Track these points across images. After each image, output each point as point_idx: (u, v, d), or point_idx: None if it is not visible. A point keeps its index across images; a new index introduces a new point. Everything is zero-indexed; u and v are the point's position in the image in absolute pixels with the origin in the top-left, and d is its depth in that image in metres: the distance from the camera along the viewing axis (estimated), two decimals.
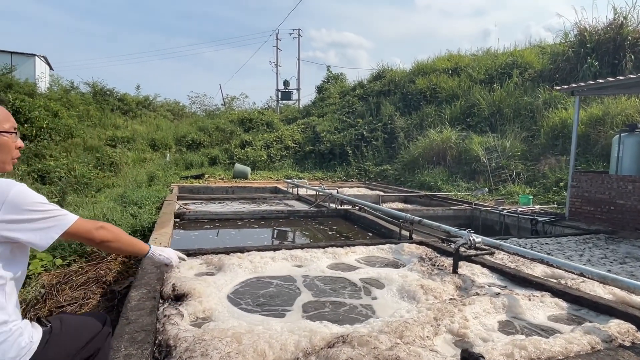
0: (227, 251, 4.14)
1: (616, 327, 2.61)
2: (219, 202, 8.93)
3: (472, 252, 4.40)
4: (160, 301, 2.87)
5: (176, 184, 11.84)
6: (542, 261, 3.19)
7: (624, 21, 14.37)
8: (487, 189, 11.29)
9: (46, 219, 1.33)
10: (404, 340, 2.32)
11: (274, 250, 4.32)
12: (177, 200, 8.42)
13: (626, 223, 6.39)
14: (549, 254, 4.93)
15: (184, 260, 2.32)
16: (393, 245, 4.81)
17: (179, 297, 2.93)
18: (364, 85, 22.67)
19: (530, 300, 3.15)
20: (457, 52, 20.99)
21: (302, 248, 4.44)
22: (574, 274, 3.15)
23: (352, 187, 13.72)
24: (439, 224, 4.58)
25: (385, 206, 10.03)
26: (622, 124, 10.89)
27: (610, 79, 6.60)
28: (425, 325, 2.53)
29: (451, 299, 3.12)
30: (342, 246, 4.63)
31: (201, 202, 8.85)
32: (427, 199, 10.69)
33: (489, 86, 16.21)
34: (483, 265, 4.07)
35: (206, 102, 31.61)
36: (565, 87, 7.28)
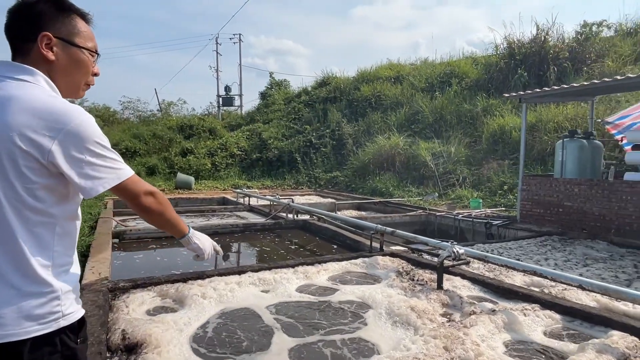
0: (185, 278, 3.54)
1: (622, 341, 2.49)
2: None
3: (449, 262, 4.24)
4: (108, 355, 2.25)
5: (110, 197, 10.62)
6: (534, 273, 3.05)
7: (546, 36, 15.68)
8: (437, 194, 11.52)
9: (105, 167, 1.13)
10: None
11: (239, 273, 3.79)
12: (114, 216, 7.44)
13: (573, 224, 6.71)
14: (518, 259, 4.92)
15: (219, 254, 1.78)
16: (366, 259, 4.50)
17: (130, 348, 2.33)
18: (308, 92, 22.50)
19: (525, 315, 2.98)
20: (397, 61, 21.66)
21: (269, 269, 3.96)
22: (558, 281, 3.04)
23: (303, 194, 13.34)
24: (415, 235, 4.36)
25: (339, 214, 9.79)
26: (554, 130, 11.75)
27: (556, 87, 6.95)
28: (438, 359, 2.21)
29: (449, 320, 2.85)
30: (312, 264, 4.22)
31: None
32: (382, 206, 10.63)
33: (431, 94, 16.80)
34: (463, 276, 3.89)
35: (140, 108, 29.48)
36: (514, 94, 7.56)
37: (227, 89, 30.84)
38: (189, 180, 14.01)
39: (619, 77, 6.08)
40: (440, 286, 3.53)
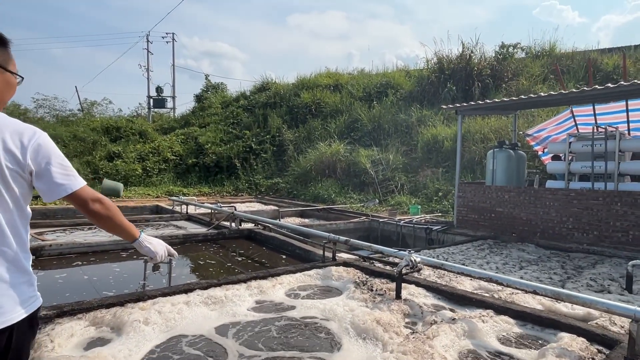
0: (123, 301, 3.12)
1: (574, 344, 2.63)
2: (88, 228, 7.23)
3: (405, 270, 4.27)
4: None
5: None
6: (490, 279, 3.14)
7: (471, 54, 16.98)
8: (377, 200, 11.81)
9: (63, 175, 1.38)
10: None
11: (186, 292, 3.44)
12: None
13: (505, 228, 7.22)
14: (463, 263, 5.12)
15: (173, 257, 2.07)
16: (320, 270, 4.37)
17: None
18: (247, 97, 22.04)
19: (483, 322, 3.05)
20: (335, 70, 22.08)
21: (219, 285, 3.66)
22: (507, 286, 3.17)
23: (243, 202, 12.92)
24: (370, 244, 4.32)
25: (283, 221, 9.59)
26: (480, 141, 12.69)
27: (488, 101, 7.46)
28: None
29: (413, 332, 2.81)
30: (265, 277, 3.98)
31: (63, 230, 7.02)
32: (325, 212, 10.63)
33: (369, 103, 17.32)
34: (418, 284, 3.92)
35: (58, 107, 26.61)
36: (451, 106, 8.00)
37: (159, 89, 29.13)
38: (117, 187, 12.85)
39: (542, 94, 6.69)
40: (399, 296, 3.51)
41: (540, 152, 9.92)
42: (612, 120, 8.06)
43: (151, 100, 28.98)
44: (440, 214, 9.79)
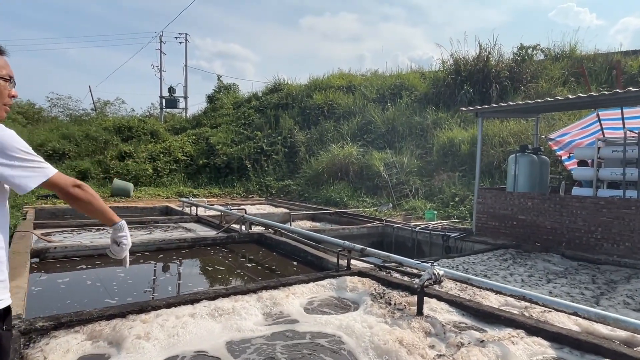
0: (125, 312, 2.91)
1: None
2: (96, 229, 7.09)
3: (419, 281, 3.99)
4: None
5: (31, 206, 9.28)
6: (523, 298, 2.84)
7: (489, 56, 16.55)
8: (391, 204, 11.49)
9: (32, 167, 1.42)
10: None
11: (192, 302, 3.22)
12: (35, 229, 6.38)
13: (527, 237, 6.86)
14: (485, 275, 4.82)
15: (125, 265, 1.97)
16: (334, 280, 4.11)
17: None
18: (259, 97, 21.91)
19: (514, 344, 2.76)
20: (348, 71, 21.81)
21: (227, 296, 3.43)
22: (547, 306, 2.88)
23: (254, 204, 12.73)
24: (387, 254, 4.05)
25: (294, 225, 9.36)
26: (499, 145, 12.29)
27: (512, 103, 7.12)
28: None
29: (439, 356, 2.54)
30: (276, 287, 3.75)
31: (70, 230, 6.90)
32: (337, 216, 10.36)
33: (382, 105, 17.01)
34: (440, 299, 3.64)
35: (72, 106, 26.89)
36: (471, 108, 7.68)
37: (171, 90, 29.24)
38: (127, 187, 12.79)
39: (571, 96, 6.32)
40: (420, 312, 3.23)
41: (563, 157, 9.49)
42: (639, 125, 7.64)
43: (163, 101, 29.11)
44: (457, 220, 9.44)
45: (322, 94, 18.71)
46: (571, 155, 8.51)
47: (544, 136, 9.80)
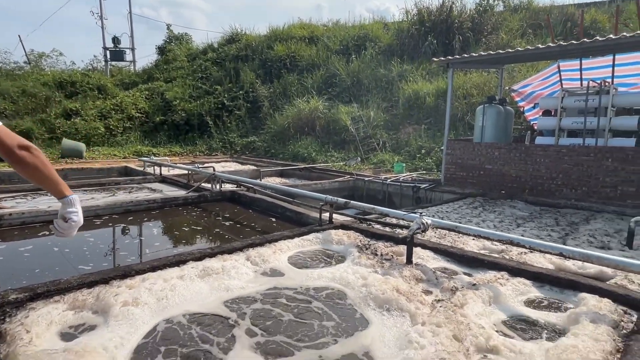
0: (107, 277, 2.71)
1: (603, 306, 2.50)
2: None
3: (405, 232, 4.06)
4: None
5: None
6: (511, 242, 2.95)
7: (452, 6, 16.35)
8: (359, 158, 11.56)
9: None
10: None
11: (178, 264, 3.07)
12: None
13: (493, 185, 7.17)
14: (459, 222, 4.97)
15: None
16: (319, 235, 4.09)
17: None
18: (215, 49, 20.59)
19: (502, 285, 2.90)
20: (309, 21, 20.86)
21: (214, 255, 3.30)
22: (526, 248, 3.01)
23: (219, 161, 12.31)
24: (372, 206, 4.05)
25: (264, 182, 9.20)
26: (462, 97, 12.49)
27: (483, 53, 7.11)
28: (458, 355, 1.91)
29: (438, 301, 2.61)
30: (262, 244, 3.66)
31: (23, 195, 6.32)
32: (307, 172, 10.28)
33: (346, 57, 16.57)
34: (424, 247, 3.73)
35: (0, 59, 23.95)
36: (443, 59, 7.61)
37: (116, 40, 26.64)
38: (79, 147, 11.87)
39: (540, 46, 6.40)
40: (410, 260, 3.29)
41: (526, 108, 9.83)
42: (596, 76, 7.96)
43: (108, 52, 26.56)
44: (424, 172, 9.67)
45: (284, 46, 17.90)
46: (536, 104, 8.80)
47: (507, 88, 10.04)
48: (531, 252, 3.72)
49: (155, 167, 8.66)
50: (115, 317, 2.31)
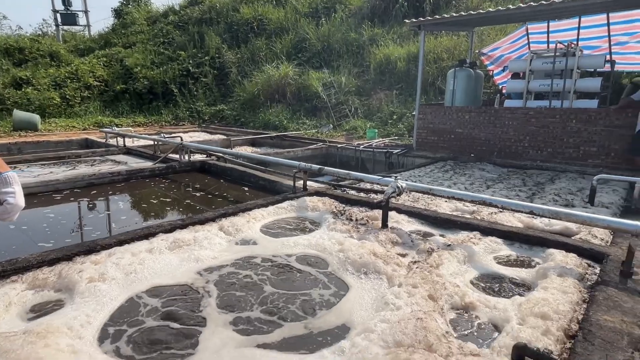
0: (70, 254, 2.56)
1: (570, 260, 2.61)
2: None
3: (380, 197, 4.07)
4: None
5: None
6: (484, 202, 2.99)
7: None
8: (331, 125, 11.43)
9: None
10: (436, 350, 1.67)
11: (147, 237, 2.94)
12: None
13: (463, 149, 7.28)
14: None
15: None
16: (293, 202, 4.03)
17: None
18: (177, 12, 19.39)
19: (475, 244, 2.96)
20: None
21: (185, 226, 3.19)
22: (491, 205, 3.07)
23: (186, 131, 11.87)
24: (347, 172, 4.00)
25: (234, 150, 8.97)
26: (433, 61, 12.43)
27: (455, 14, 7.01)
28: (434, 314, 1.94)
29: (414, 262, 2.63)
30: (236, 213, 3.57)
31: None
32: (279, 140, 10.08)
33: (316, 20, 16.02)
34: (399, 211, 3.75)
35: None
36: (415, 20, 7.44)
37: (67, 2, 24.62)
38: (33, 119, 11.07)
39: (511, 7, 6.35)
40: (385, 224, 3.30)
41: (495, 71, 9.91)
42: (563, 38, 8.06)
43: (58, 16, 24.53)
44: (396, 137, 9.69)
45: (250, 8, 17.05)
46: (505, 67, 8.86)
47: (477, 51, 10.03)
48: (501, 212, 3.82)
49: (119, 138, 8.23)
50: (81, 294, 2.19)
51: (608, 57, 7.51)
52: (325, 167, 4.12)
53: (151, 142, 7.44)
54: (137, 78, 15.10)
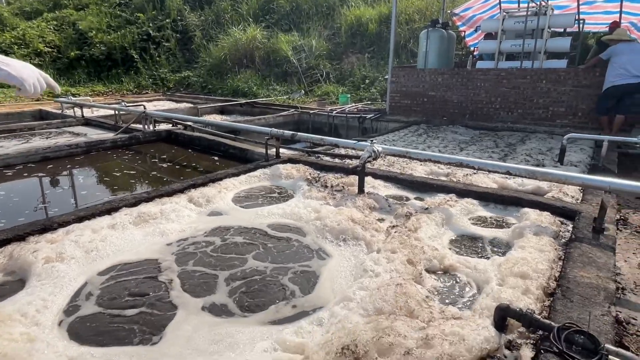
0: (21, 234, 2.35)
1: (544, 219, 2.62)
2: None
3: (355, 162, 3.99)
4: None
5: None
6: (461, 164, 2.95)
7: None
8: (303, 91, 11.12)
9: None
10: (417, 315, 1.62)
11: (109, 212, 2.74)
12: None
13: (436, 112, 7.25)
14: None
15: (55, 90, 1.46)
16: (266, 170, 3.87)
17: None
18: None
19: (452, 207, 2.94)
20: None
21: (151, 199, 3.00)
22: (469, 167, 3.05)
23: (150, 100, 11.25)
24: (321, 137, 3.86)
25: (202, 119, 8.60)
26: (405, 23, 12.15)
27: None
28: (414, 279, 1.89)
29: (393, 227, 2.58)
30: (205, 184, 3.39)
31: None
32: (249, 107, 9.73)
33: None
34: (375, 176, 3.68)
35: None
36: None
37: None
38: None
39: None
40: (362, 190, 3.22)
41: (467, 32, 9.79)
42: None
43: None
44: (369, 102, 9.55)
45: None
46: (477, 27, 8.76)
47: (449, 11, 9.85)
48: (475, 173, 3.82)
49: (76, 108, 7.68)
50: (37, 276, 2.01)
51: (577, 16, 7.52)
52: (299, 133, 3.95)
53: (112, 112, 6.98)
54: (92, 43, 14.05)
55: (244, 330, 1.65)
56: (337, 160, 4.35)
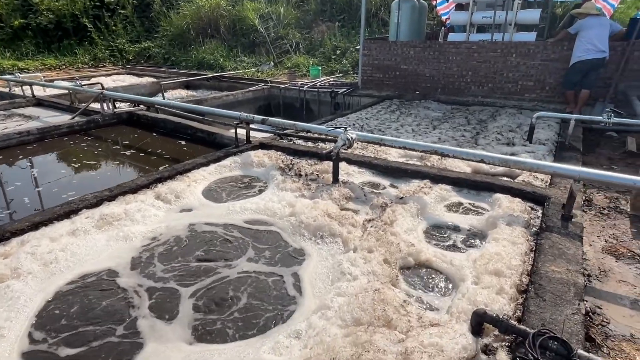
0: None
1: (516, 207, 2.66)
2: None
3: (329, 146, 3.92)
4: None
5: None
6: (435, 152, 2.91)
7: None
8: (272, 63, 10.71)
9: None
10: (396, 326, 1.61)
11: (68, 215, 2.56)
12: None
13: (408, 86, 7.17)
14: (380, 129, 4.95)
15: None
16: (237, 158, 3.73)
17: None
18: None
19: (426, 194, 2.93)
20: None
21: (113, 198, 2.82)
22: (442, 155, 3.03)
23: (109, 74, 10.56)
24: (294, 122, 3.71)
25: (167, 96, 8.18)
26: None
27: None
28: (391, 282, 1.88)
29: (369, 220, 2.54)
30: (173, 177, 3.23)
31: None
32: (216, 81, 9.31)
33: None
34: (349, 162, 3.62)
35: None
36: None
37: None
38: None
39: None
40: (336, 179, 3.16)
41: (437, 2, 9.58)
42: None
43: None
44: (341, 75, 9.33)
45: None
46: None
47: None
48: (452, 158, 3.83)
49: (25, 86, 7.08)
50: None
51: None
52: (270, 118, 3.79)
53: (65, 91, 6.49)
54: (38, 10, 12.83)
55: (217, 349, 1.59)
56: (310, 143, 4.24)
